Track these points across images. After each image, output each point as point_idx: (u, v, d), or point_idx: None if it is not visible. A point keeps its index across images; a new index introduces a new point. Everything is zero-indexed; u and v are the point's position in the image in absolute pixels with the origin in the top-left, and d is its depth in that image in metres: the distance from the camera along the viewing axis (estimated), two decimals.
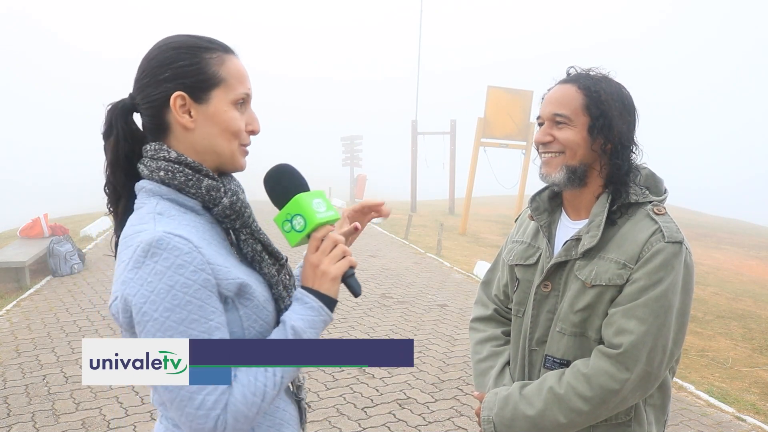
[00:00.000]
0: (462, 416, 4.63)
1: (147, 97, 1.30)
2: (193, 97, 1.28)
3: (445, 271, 10.54)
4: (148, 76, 1.29)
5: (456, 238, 15.32)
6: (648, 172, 1.82)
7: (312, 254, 1.36)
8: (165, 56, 1.29)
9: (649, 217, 1.72)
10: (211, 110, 1.30)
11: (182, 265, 1.15)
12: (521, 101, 15.82)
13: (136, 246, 1.16)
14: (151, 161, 1.29)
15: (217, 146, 1.32)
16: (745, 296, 10.60)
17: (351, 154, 28.20)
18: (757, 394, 5.63)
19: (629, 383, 1.63)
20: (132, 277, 1.15)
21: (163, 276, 1.14)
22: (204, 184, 1.29)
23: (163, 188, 1.28)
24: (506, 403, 1.78)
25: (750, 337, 7.55)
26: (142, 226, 1.20)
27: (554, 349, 1.80)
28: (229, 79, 1.32)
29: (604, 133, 1.72)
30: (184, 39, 1.32)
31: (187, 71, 1.28)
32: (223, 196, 1.31)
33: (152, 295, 1.13)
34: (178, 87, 1.27)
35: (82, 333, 6.35)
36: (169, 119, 1.30)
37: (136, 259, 1.15)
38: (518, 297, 1.92)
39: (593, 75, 1.77)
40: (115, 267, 1.23)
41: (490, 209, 23.06)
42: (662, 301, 1.63)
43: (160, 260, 1.14)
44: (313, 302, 1.33)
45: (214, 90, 1.30)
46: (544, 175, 1.78)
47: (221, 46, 1.34)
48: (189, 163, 1.29)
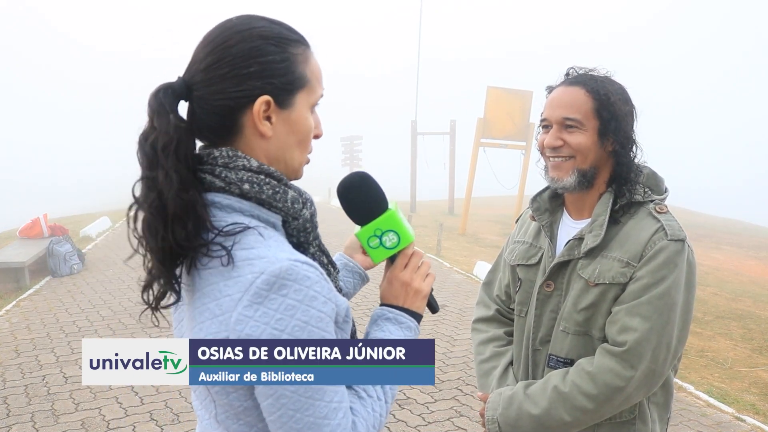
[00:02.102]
0: (462, 416, 4.63)
1: (222, 93, 1.08)
2: (277, 101, 1.10)
3: (444, 272, 10.53)
4: (226, 67, 1.08)
5: (456, 239, 15.32)
6: (649, 172, 1.82)
7: (401, 271, 1.29)
8: (251, 46, 1.09)
9: (651, 215, 1.72)
10: (293, 117, 1.13)
11: (314, 296, 1.02)
12: (521, 101, 15.82)
13: (252, 278, 1.00)
14: (227, 171, 1.09)
15: (290, 156, 1.16)
16: (745, 296, 10.60)
17: (350, 154, 28.21)
18: (756, 395, 5.63)
19: (634, 381, 1.63)
20: (251, 315, 0.99)
21: (296, 311, 1.00)
22: (289, 196, 1.13)
23: (245, 203, 1.10)
24: (511, 402, 1.78)
25: (749, 337, 7.55)
26: (250, 252, 1.04)
27: (558, 349, 1.80)
28: (312, 79, 1.16)
29: (613, 136, 1.72)
30: (268, 26, 1.13)
31: (277, 69, 1.10)
32: (302, 208, 1.16)
33: (284, 335, 1.00)
34: (266, 87, 1.09)
35: (82, 333, 6.34)
36: (244, 122, 1.10)
37: (257, 292, 0.99)
38: (521, 297, 1.92)
39: (597, 76, 1.76)
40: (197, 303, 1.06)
41: (490, 209, 23.05)
42: (666, 299, 1.63)
43: (290, 293, 1.00)
44: (410, 322, 1.26)
45: (298, 93, 1.13)
46: (555, 180, 1.77)
47: (304, 39, 1.17)
48: (272, 173, 1.12)
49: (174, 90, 1.09)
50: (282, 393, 1.02)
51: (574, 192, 1.78)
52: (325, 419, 1.03)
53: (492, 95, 15.85)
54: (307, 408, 1.02)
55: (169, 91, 1.08)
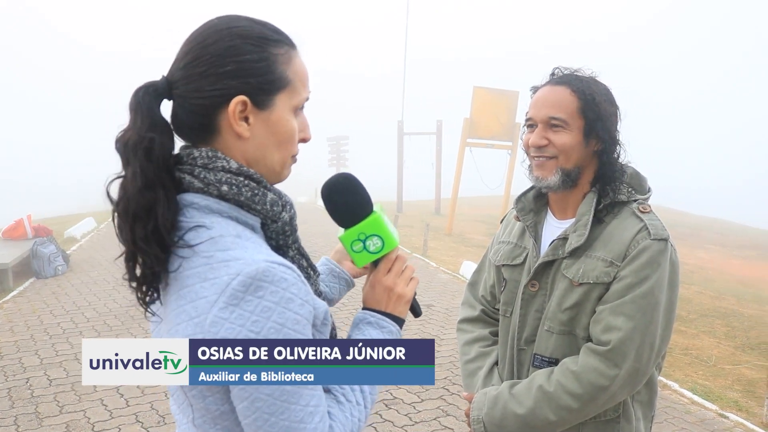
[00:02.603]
0: (448, 416, 4.64)
1: (198, 91, 1.07)
2: (255, 102, 1.09)
3: (431, 272, 10.55)
4: (204, 65, 1.07)
5: (442, 239, 15.35)
6: (632, 171, 1.84)
7: (384, 276, 1.27)
8: (228, 45, 1.07)
9: (634, 215, 1.73)
10: (272, 118, 1.11)
11: (291, 299, 1.01)
12: (507, 101, 15.86)
13: (228, 279, 0.99)
14: (206, 171, 1.08)
15: (269, 158, 1.14)
16: (729, 295, 10.70)
17: (337, 154, 28.19)
18: (739, 392, 5.68)
19: (618, 380, 1.64)
20: (227, 317, 0.98)
21: (272, 313, 0.99)
22: (268, 199, 1.12)
23: (223, 204, 1.08)
24: (496, 402, 1.79)
25: (733, 335, 7.62)
26: (227, 254, 1.02)
27: (543, 348, 1.80)
28: (295, 81, 1.13)
29: (598, 136, 1.73)
30: (248, 25, 1.11)
31: (255, 68, 1.08)
32: (282, 210, 1.15)
33: (259, 337, 0.99)
34: (242, 87, 1.07)
35: (66, 335, 6.30)
36: (221, 122, 1.09)
37: (232, 294, 0.98)
38: (506, 297, 1.93)
39: (582, 76, 1.77)
40: (173, 305, 1.05)
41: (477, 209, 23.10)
42: (649, 298, 1.64)
43: (266, 294, 0.99)
44: (391, 327, 1.25)
45: (278, 94, 1.11)
46: (539, 179, 1.78)
47: (288, 39, 1.15)
48: (252, 175, 1.11)
49: (156, 88, 1.08)
50: (257, 396, 1.01)
51: (558, 191, 1.79)
52: (300, 423, 1.02)
53: (478, 95, 15.87)
54: (282, 411, 1.02)
55: (150, 90, 1.08)
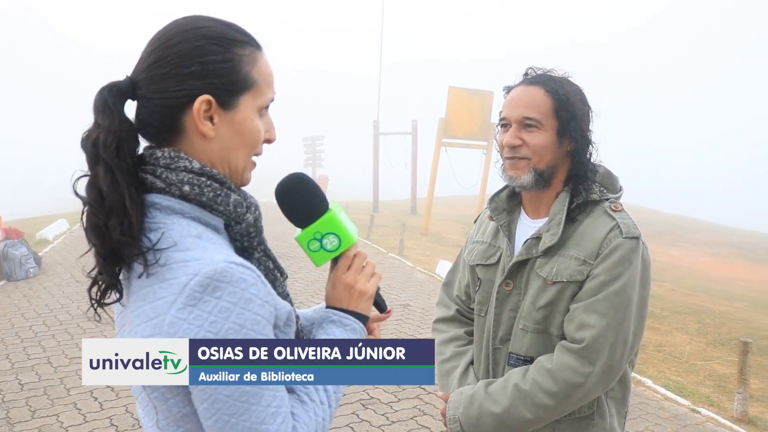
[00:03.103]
0: (425, 415, 4.65)
1: (162, 92, 1.07)
2: (219, 102, 1.08)
3: (407, 271, 10.57)
4: (167, 66, 1.06)
5: (418, 238, 15.38)
6: (604, 171, 1.85)
7: (344, 273, 1.26)
8: (193, 45, 1.07)
9: (606, 214, 1.75)
10: (237, 119, 1.11)
11: (250, 299, 1.00)
12: (482, 101, 15.94)
13: (186, 280, 0.98)
14: (168, 172, 1.07)
15: (234, 159, 1.14)
16: (700, 292, 10.87)
17: (313, 154, 28.14)
18: (711, 387, 5.77)
19: (593, 377, 1.66)
20: (185, 317, 0.97)
21: (230, 314, 0.98)
22: (231, 200, 1.11)
23: (185, 205, 1.08)
24: (472, 401, 1.79)
25: (704, 331, 7.75)
26: (186, 254, 1.01)
27: (518, 347, 1.81)
28: (260, 82, 1.13)
29: (571, 136, 1.74)
30: (213, 26, 1.11)
31: (219, 69, 1.08)
32: (246, 212, 1.14)
33: (218, 338, 0.98)
34: (207, 87, 1.07)
35: (38, 339, 6.21)
36: (185, 122, 1.09)
37: (190, 294, 0.97)
38: (480, 296, 1.94)
39: (555, 77, 1.78)
40: (133, 307, 1.04)
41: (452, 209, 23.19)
42: (622, 296, 1.66)
43: (224, 295, 0.98)
44: (354, 324, 1.24)
45: (243, 95, 1.11)
46: (512, 178, 1.79)
47: (253, 40, 1.15)
48: (214, 176, 1.10)
49: (120, 88, 1.08)
50: (216, 397, 1.01)
51: (531, 191, 1.80)
52: (262, 424, 1.02)
53: (453, 95, 15.93)
54: (243, 413, 1.01)
55: (114, 90, 1.07)
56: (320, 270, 10.41)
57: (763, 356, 6.79)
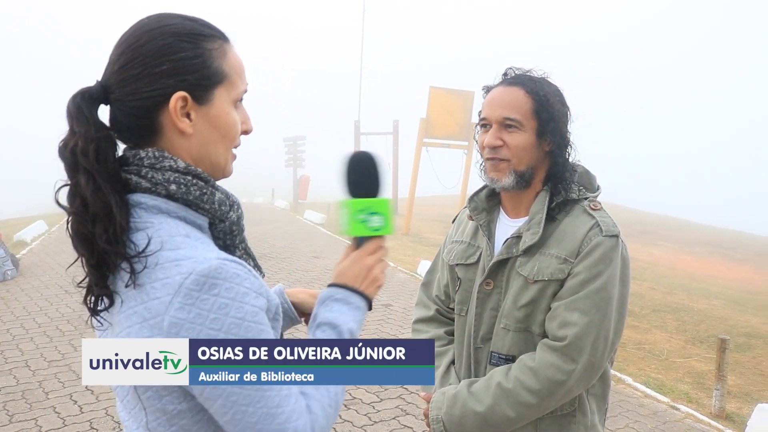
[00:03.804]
0: (407, 415, 4.66)
1: (136, 93, 1.06)
2: (194, 98, 1.09)
3: (388, 271, 10.53)
4: (138, 67, 1.06)
5: (399, 238, 15.39)
6: (582, 170, 1.87)
7: (368, 255, 1.29)
8: (162, 44, 1.07)
9: (586, 212, 1.76)
10: (213, 113, 1.12)
11: (246, 292, 1.02)
12: (463, 101, 15.98)
13: (181, 279, 0.99)
14: (153, 171, 1.07)
15: (214, 153, 1.14)
16: (679, 290, 10.98)
17: (294, 155, 28.01)
18: (690, 384, 5.84)
19: (575, 374, 1.67)
20: (185, 317, 0.98)
21: (230, 309, 1.00)
22: (216, 198, 1.13)
23: (172, 204, 1.08)
24: (455, 401, 1.80)
25: (683, 329, 7.83)
26: (177, 253, 1.02)
27: (499, 346, 1.82)
28: (232, 74, 1.14)
29: (551, 136, 1.75)
30: (180, 22, 1.11)
31: (191, 65, 1.08)
32: (229, 210, 1.15)
33: (221, 334, 1.00)
34: (180, 85, 1.07)
35: (16, 342, 6.13)
36: (162, 121, 1.09)
37: (187, 293, 0.98)
38: (460, 296, 1.94)
39: (535, 77, 1.79)
40: (122, 308, 1.03)
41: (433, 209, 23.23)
42: (603, 293, 1.67)
43: (222, 291, 0.99)
44: (359, 302, 1.25)
45: (216, 88, 1.12)
46: (493, 180, 1.79)
47: (221, 34, 1.15)
48: (200, 174, 1.11)
49: (92, 94, 1.07)
50: (231, 391, 1.02)
51: (512, 191, 1.81)
52: (278, 408, 1.03)
53: (434, 95, 15.96)
54: (258, 400, 1.02)
55: (86, 96, 1.06)
56: (301, 271, 10.41)
57: (740, 353, 6.89)
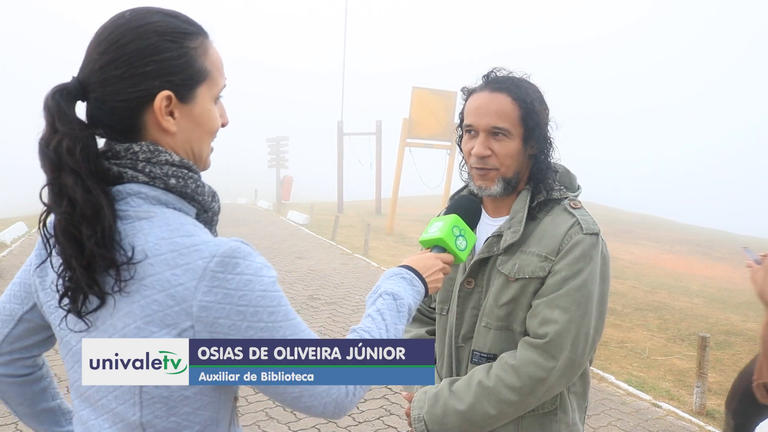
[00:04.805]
0: (392, 415, 4.66)
1: (120, 94, 1.05)
2: (179, 97, 1.09)
3: (372, 272, 10.58)
4: (122, 67, 1.04)
5: (383, 238, 15.41)
6: (563, 170, 1.88)
7: (440, 260, 1.53)
8: (147, 44, 1.05)
9: (566, 211, 1.77)
10: (196, 111, 1.12)
11: (261, 267, 1.06)
12: (445, 102, 16.03)
13: (204, 263, 1.01)
14: (151, 166, 1.08)
15: (197, 148, 1.15)
16: (661, 289, 11.07)
17: (277, 155, 27.95)
18: (671, 381, 5.89)
19: (555, 371, 1.67)
20: (214, 299, 1.00)
21: (254, 284, 1.03)
22: (206, 190, 1.15)
23: (170, 196, 1.09)
24: (436, 400, 1.80)
25: (665, 327, 7.90)
26: (194, 239, 1.04)
27: (481, 344, 1.82)
28: (213, 71, 1.14)
29: (536, 141, 1.76)
30: (163, 20, 1.09)
31: (175, 66, 1.07)
32: (212, 200, 1.17)
33: (249, 308, 1.03)
34: (165, 85, 1.06)
35: None
36: (146, 120, 1.08)
37: (213, 276, 1.01)
38: (441, 296, 1.94)
39: (519, 81, 1.78)
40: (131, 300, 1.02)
41: (417, 209, 23.27)
42: (583, 291, 1.68)
43: (243, 269, 1.02)
44: (420, 288, 1.42)
45: (200, 87, 1.11)
46: (482, 188, 1.79)
47: (201, 29, 1.14)
48: (191, 167, 1.13)
49: (69, 91, 1.05)
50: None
51: (500, 197, 1.82)
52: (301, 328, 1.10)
53: (417, 95, 15.99)
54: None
55: (63, 93, 1.04)
56: (285, 272, 10.38)
57: (720, 350, 6.96)
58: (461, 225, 1.63)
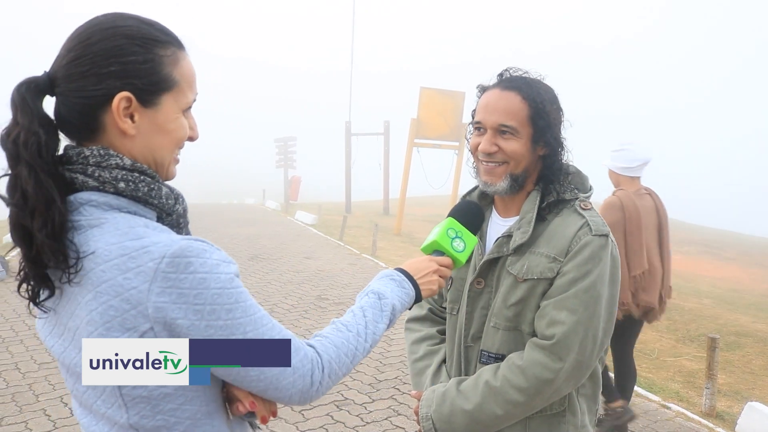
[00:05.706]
0: (399, 415, 4.66)
1: (81, 91, 1.06)
2: (140, 100, 1.09)
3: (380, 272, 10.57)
4: (86, 64, 1.05)
5: (391, 239, 15.40)
6: (575, 170, 1.87)
7: (436, 263, 1.54)
8: (113, 45, 1.06)
9: (576, 212, 1.77)
10: (159, 118, 1.12)
11: (217, 263, 1.04)
12: (453, 102, 16.00)
13: (154, 265, 1.00)
14: (100, 170, 1.07)
15: (158, 156, 1.15)
16: None
17: (285, 155, 27.98)
18: (680, 383, 5.86)
19: (562, 372, 1.67)
20: (168, 300, 1.00)
21: (209, 281, 1.02)
22: (163, 193, 1.14)
23: (122, 200, 1.08)
24: (444, 399, 1.80)
25: (674, 328, 7.86)
26: (143, 241, 1.02)
27: (489, 344, 1.82)
28: (182, 83, 1.14)
29: (545, 142, 1.75)
30: (135, 25, 1.10)
31: (139, 69, 1.08)
32: (175, 203, 1.17)
33: (207, 306, 1.02)
34: (125, 87, 1.07)
35: (6, 344, 6.10)
36: (105, 120, 1.08)
37: (165, 277, 1.00)
38: (452, 295, 1.95)
39: (531, 81, 1.78)
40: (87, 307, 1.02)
41: (425, 209, 23.26)
42: (591, 292, 1.67)
43: (196, 267, 1.01)
44: (410, 291, 1.43)
45: (164, 94, 1.11)
46: (488, 184, 1.79)
47: (175, 40, 1.15)
48: (145, 171, 1.12)
49: (37, 84, 1.07)
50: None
51: (507, 195, 1.82)
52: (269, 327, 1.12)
53: (425, 95, 15.97)
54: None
55: (32, 86, 1.06)
56: (293, 272, 10.40)
57: (730, 351, 6.92)
58: (457, 227, 1.65)
